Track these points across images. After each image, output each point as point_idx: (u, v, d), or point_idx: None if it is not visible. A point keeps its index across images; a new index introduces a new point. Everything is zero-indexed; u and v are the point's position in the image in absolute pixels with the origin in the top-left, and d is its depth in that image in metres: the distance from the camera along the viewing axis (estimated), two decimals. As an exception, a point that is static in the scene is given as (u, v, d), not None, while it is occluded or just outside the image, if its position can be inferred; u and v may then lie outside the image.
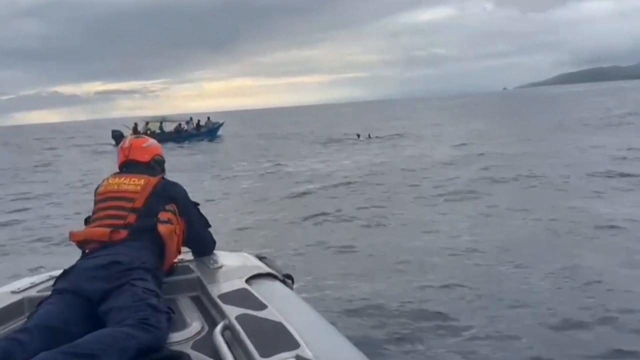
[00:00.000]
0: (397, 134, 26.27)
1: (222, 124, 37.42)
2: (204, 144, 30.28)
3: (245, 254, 2.65)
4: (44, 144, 43.32)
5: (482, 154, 15.61)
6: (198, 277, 2.28)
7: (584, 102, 50.11)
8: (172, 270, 2.36)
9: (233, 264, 2.40)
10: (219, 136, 35.62)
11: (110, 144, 32.64)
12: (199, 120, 36.14)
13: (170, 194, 2.34)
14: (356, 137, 25.43)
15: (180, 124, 35.12)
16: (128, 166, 2.48)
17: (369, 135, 25.61)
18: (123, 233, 2.12)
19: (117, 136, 32.65)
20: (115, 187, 2.31)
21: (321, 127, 40.02)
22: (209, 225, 2.60)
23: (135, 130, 31.93)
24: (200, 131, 34.77)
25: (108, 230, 2.12)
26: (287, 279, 2.27)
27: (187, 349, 1.66)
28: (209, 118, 37.88)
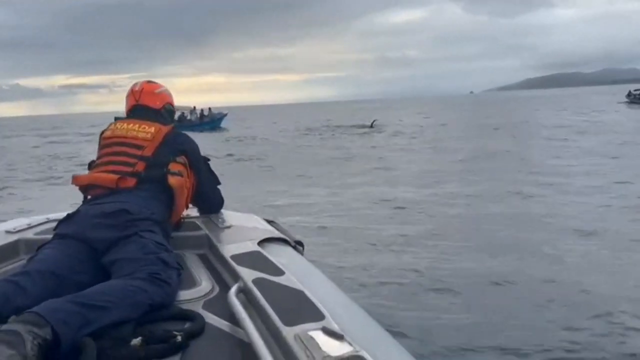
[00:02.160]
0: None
1: (225, 115, 37.35)
2: (207, 134, 29.55)
3: (254, 216, 2.61)
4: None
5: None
6: (206, 235, 2.22)
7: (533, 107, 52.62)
8: (179, 225, 2.27)
9: (242, 225, 2.34)
10: (222, 127, 35.59)
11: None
12: (202, 110, 36.10)
13: (181, 146, 2.23)
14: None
15: (183, 113, 34.52)
16: (137, 111, 2.32)
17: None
18: (131, 181, 2.01)
19: None
20: (124, 132, 2.18)
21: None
22: (219, 183, 2.51)
23: None
24: (204, 121, 34.73)
25: (115, 176, 2.01)
26: (298, 245, 2.20)
27: (198, 309, 1.59)
28: (210, 109, 37.67)
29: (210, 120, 35.59)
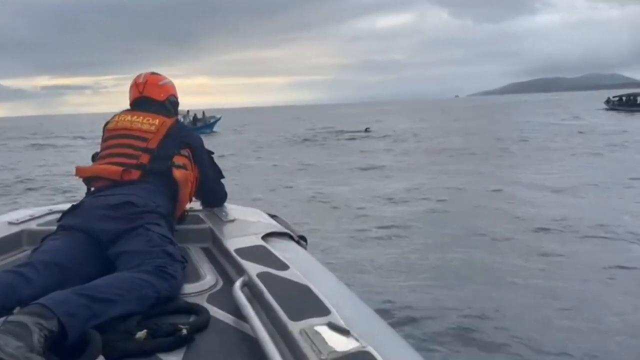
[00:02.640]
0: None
1: (219, 119, 37.17)
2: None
3: (257, 210, 2.59)
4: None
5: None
6: (210, 228, 2.21)
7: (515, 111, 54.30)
8: (182, 218, 2.26)
9: (246, 219, 2.32)
10: (215, 131, 35.61)
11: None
12: (195, 114, 36.00)
13: (186, 139, 2.22)
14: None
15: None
16: (141, 103, 2.31)
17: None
18: (135, 173, 2.00)
19: None
20: (128, 124, 2.16)
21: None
22: (223, 176, 2.50)
23: None
24: (197, 125, 34.52)
25: (120, 168, 1.99)
26: (301, 240, 2.20)
27: (203, 302, 1.59)
28: (204, 113, 37.46)
29: (204, 124, 35.53)
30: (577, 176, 11.86)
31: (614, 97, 52.00)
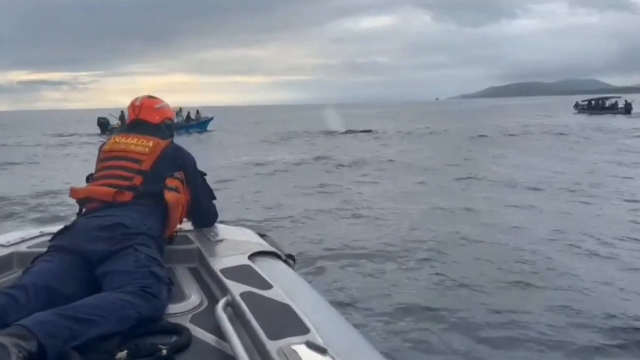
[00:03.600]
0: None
1: (212, 118, 36.96)
2: (194, 137, 29.77)
3: (247, 230, 2.62)
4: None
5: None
6: (198, 249, 2.23)
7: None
8: (171, 239, 2.28)
9: (234, 239, 2.34)
10: (208, 130, 35.37)
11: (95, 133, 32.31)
12: (188, 113, 35.81)
13: (179, 161, 2.26)
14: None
15: None
16: (137, 126, 2.36)
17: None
18: (128, 195, 2.03)
19: (103, 124, 32.28)
20: (122, 146, 2.20)
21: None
22: (214, 197, 2.54)
23: (122, 119, 31.36)
24: (190, 124, 34.40)
25: (112, 190, 2.03)
26: (289, 259, 2.22)
27: (186, 322, 1.60)
28: (197, 111, 37.30)
29: (197, 123, 35.26)
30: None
31: (582, 101, 54.07)
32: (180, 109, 35.11)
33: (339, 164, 15.58)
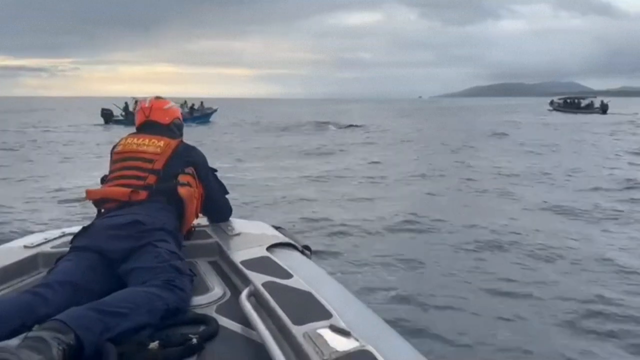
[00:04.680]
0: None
1: (215, 110, 36.98)
2: (198, 128, 29.58)
3: (262, 223, 2.68)
4: None
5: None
6: (217, 243, 2.29)
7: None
8: (190, 234, 2.36)
9: (251, 232, 2.41)
10: (210, 122, 35.32)
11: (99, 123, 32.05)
12: (192, 104, 35.79)
13: (190, 158, 2.32)
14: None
15: None
16: (147, 127, 2.43)
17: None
18: (143, 194, 2.10)
19: (107, 114, 32.28)
20: (134, 147, 2.27)
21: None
22: (227, 192, 2.60)
23: (126, 110, 31.59)
24: (194, 115, 34.25)
25: (128, 190, 2.09)
26: (305, 250, 2.27)
27: (212, 313, 1.65)
28: (202, 103, 37.23)
29: (201, 115, 35.22)
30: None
31: (559, 99, 55.35)
32: (185, 101, 35.16)
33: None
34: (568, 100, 54.40)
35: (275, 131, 28.29)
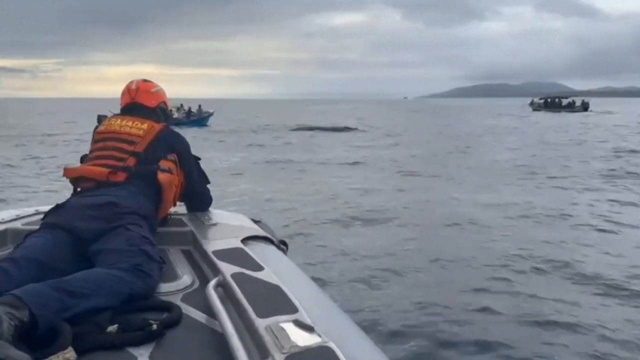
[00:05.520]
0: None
1: (212, 113, 36.33)
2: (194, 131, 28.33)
3: (240, 215, 2.65)
4: None
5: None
6: (191, 231, 2.26)
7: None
8: (166, 221, 2.32)
9: (228, 223, 2.38)
10: (207, 125, 34.78)
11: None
12: (189, 108, 35.42)
13: (173, 143, 2.28)
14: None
15: (170, 110, 32.83)
16: (132, 109, 2.39)
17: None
18: (121, 175, 2.06)
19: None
20: (117, 127, 2.23)
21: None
22: (208, 182, 2.57)
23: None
24: (191, 119, 33.81)
25: (106, 170, 2.05)
26: (282, 245, 2.25)
27: (177, 301, 1.63)
28: (199, 106, 36.55)
29: (198, 119, 34.73)
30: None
31: (539, 99, 56.02)
32: (182, 105, 34.80)
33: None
34: (548, 100, 55.39)
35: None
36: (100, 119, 2.47)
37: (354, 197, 9.57)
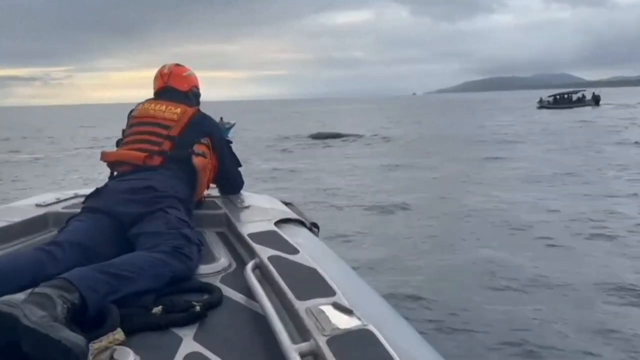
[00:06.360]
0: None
1: (234, 125, 36.12)
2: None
3: (271, 198, 2.69)
4: None
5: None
6: (225, 214, 2.30)
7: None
8: (200, 204, 2.36)
9: (260, 206, 2.41)
10: (228, 137, 34.25)
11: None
12: None
13: (206, 127, 2.32)
14: None
15: None
16: (165, 93, 2.42)
17: None
18: (157, 159, 2.10)
19: None
20: (152, 112, 2.27)
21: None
22: (240, 165, 2.60)
23: None
24: None
25: (142, 154, 2.09)
26: (313, 227, 2.27)
27: (216, 282, 1.66)
28: (221, 118, 36.25)
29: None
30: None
31: (549, 96, 53.38)
32: None
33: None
34: (557, 97, 52.35)
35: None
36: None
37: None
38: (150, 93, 2.52)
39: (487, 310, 4.37)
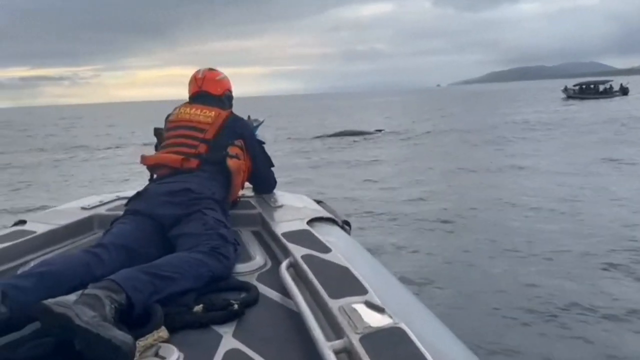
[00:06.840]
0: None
1: (262, 122, 35.96)
2: None
3: (304, 197, 2.74)
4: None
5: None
6: (260, 214, 2.36)
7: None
8: (235, 204, 2.44)
9: (293, 205, 2.47)
10: (257, 135, 34.35)
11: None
12: None
13: (239, 130, 2.40)
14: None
15: None
16: (200, 97, 2.52)
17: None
18: (194, 162, 2.18)
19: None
20: (187, 116, 2.36)
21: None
22: (272, 165, 2.67)
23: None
24: None
25: (180, 157, 2.18)
26: (345, 225, 2.32)
27: (253, 281, 1.72)
28: (249, 116, 36.02)
29: None
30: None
31: (574, 85, 50.35)
32: None
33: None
34: (583, 86, 49.00)
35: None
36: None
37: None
38: (175, 90, 2.63)
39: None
